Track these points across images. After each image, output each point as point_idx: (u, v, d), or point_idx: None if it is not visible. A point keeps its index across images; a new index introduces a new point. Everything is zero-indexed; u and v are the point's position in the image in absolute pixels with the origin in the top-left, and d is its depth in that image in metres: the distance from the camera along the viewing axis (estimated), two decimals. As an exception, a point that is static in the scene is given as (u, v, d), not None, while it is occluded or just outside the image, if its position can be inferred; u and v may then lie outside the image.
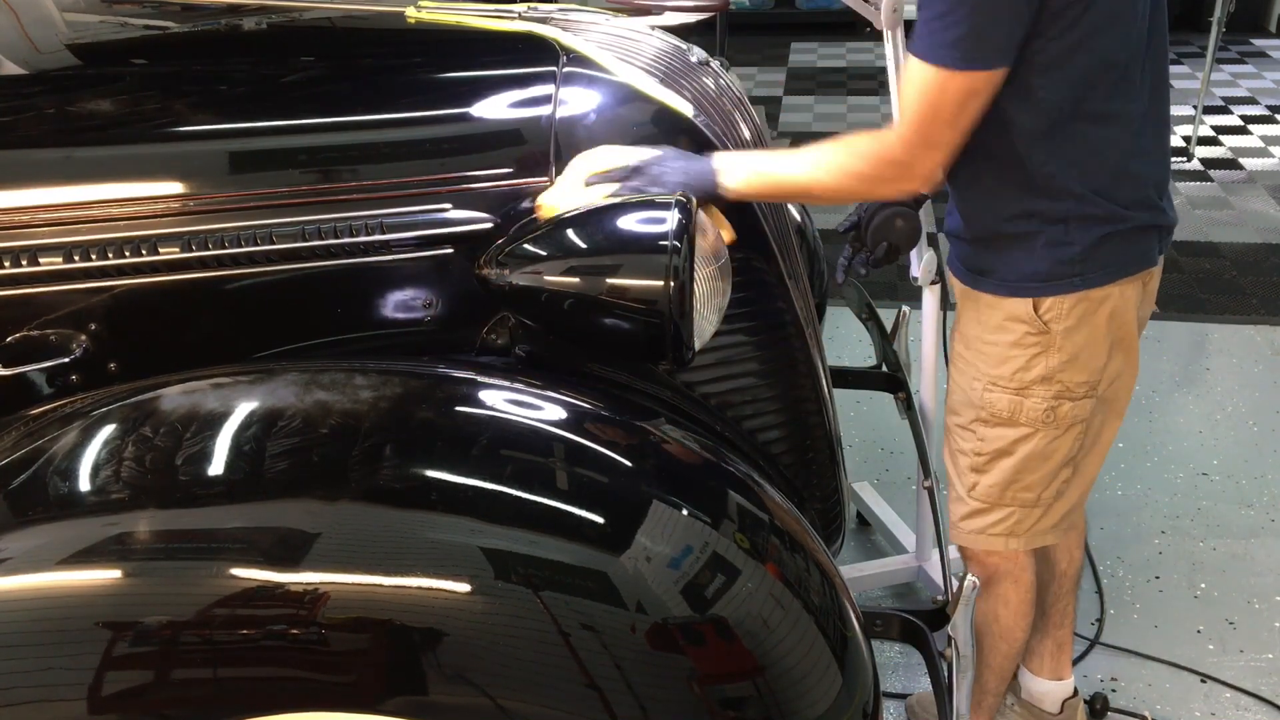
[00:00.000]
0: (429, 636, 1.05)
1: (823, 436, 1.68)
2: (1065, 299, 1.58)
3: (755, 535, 1.26)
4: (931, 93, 1.41)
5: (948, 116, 1.43)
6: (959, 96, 1.41)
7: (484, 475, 1.17)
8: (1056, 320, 1.59)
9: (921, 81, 1.42)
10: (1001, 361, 1.65)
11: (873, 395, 2.84)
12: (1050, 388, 1.63)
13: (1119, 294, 1.60)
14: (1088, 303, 1.58)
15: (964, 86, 1.40)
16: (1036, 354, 1.62)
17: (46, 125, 1.47)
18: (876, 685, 1.24)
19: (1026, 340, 1.61)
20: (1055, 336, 1.60)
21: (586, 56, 1.52)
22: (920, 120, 1.44)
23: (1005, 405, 1.66)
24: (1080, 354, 1.61)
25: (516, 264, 1.41)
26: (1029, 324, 1.60)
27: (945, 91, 1.40)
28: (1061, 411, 1.64)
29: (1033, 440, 1.67)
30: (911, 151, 1.45)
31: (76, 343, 1.39)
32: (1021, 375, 1.63)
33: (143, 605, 1.06)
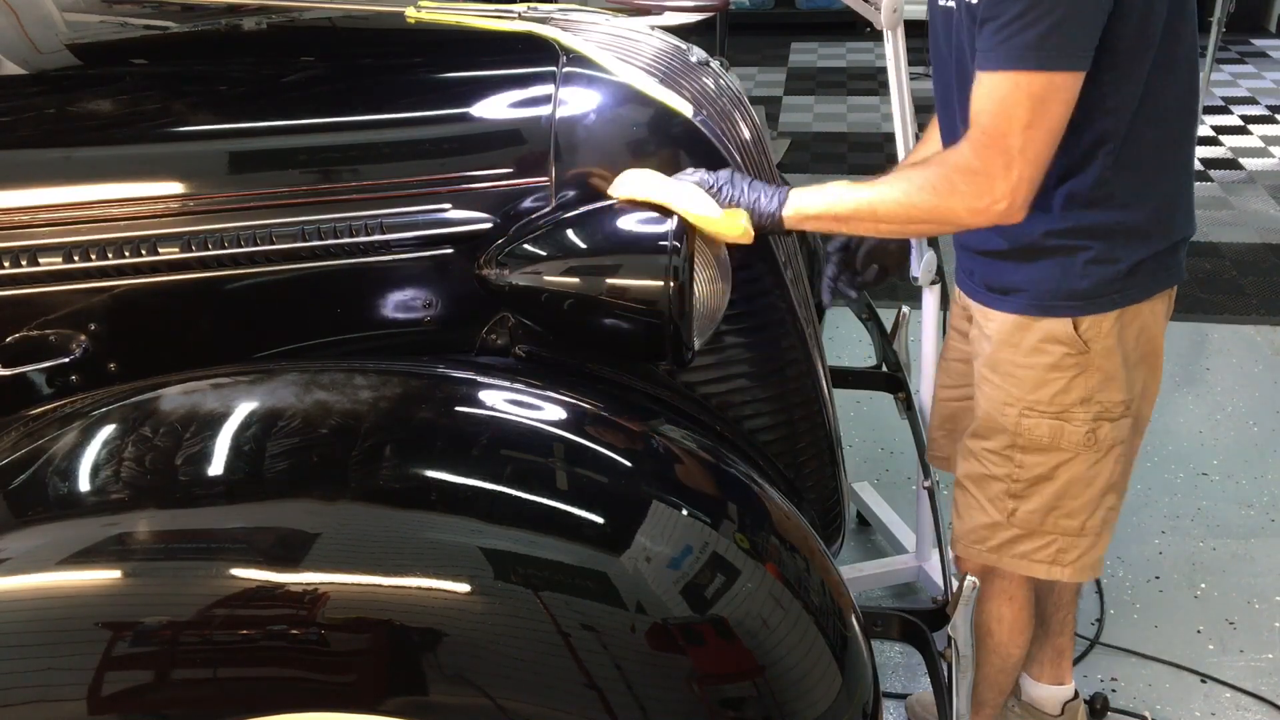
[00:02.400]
0: (429, 636, 1.05)
1: (823, 436, 1.68)
2: (1105, 317, 1.51)
3: (755, 535, 1.26)
4: (1006, 97, 1.31)
5: (1025, 118, 1.31)
6: (1036, 98, 1.31)
7: (484, 475, 1.17)
8: (1096, 339, 1.52)
9: (993, 89, 1.32)
10: (1038, 385, 1.56)
11: (873, 395, 2.84)
12: (1090, 409, 1.55)
13: (1149, 310, 1.55)
14: (1124, 319, 1.52)
15: (1043, 88, 1.30)
16: (1076, 375, 1.54)
17: (46, 125, 1.47)
18: (876, 685, 1.24)
19: (1065, 362, 1.53)
20: (1094, 356, 1.53)
21: (586, 56, 1.52)
22: (993, 125, 1.33)
23: (1045, 431, 1.57)
24: (1116, 372, 1.54)
25: (516, 264, 1.41)
26: (1068, 345, 1.52)
27: (1020, 92, 1.31)
28: (1102, 433, 1.57)
29: (1074, 465, 1.59)
30: (984, 157, 1.34)
31: (76, 343, 1.39)
32: (1061, 399, 1.55)
33: (143, 605, 1.06)
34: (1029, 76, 1.30)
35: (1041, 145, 1.33)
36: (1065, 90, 1.31)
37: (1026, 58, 1.29)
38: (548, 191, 1.45)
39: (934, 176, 1.37)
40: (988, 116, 1.33)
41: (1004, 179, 1.33)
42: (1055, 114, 1.32)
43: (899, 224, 1.42)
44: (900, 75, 2.08)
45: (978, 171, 1.34)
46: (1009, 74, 1.30)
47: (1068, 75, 1.30)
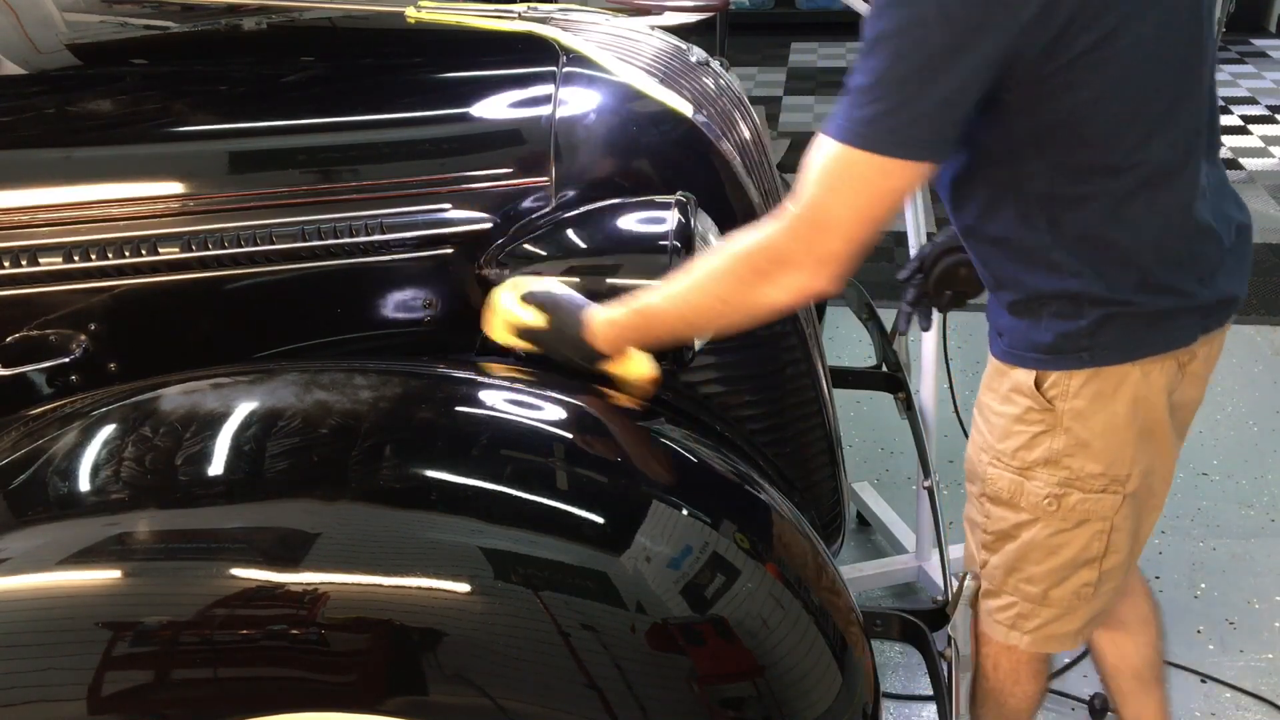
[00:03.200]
0: (429, 636, 1.05)
1: (823, 437, 1.68)
2: (1072, 376, 1.37)
3: (755, 535, 1.26)
4: (832, 168, 1.17)
5: (846, 197, 1.17)
6: (863, 179, 1.16)
7: (484, 475, 1.17)
8: (1061, 398, 1.38)
9: (822, 156, 1.18)
10: (1005, 435, 1.45)
11: (873, 395, 2.84)
12: (1055, 473, 1.42)
13: (1141, 375, 1.37)
14: (1101, 382, 1.37)
15: (874, 171, 1.16)
16: (1040, 433, 1.41)
17: (46, 125, 1.47)
18: (876, 685, 1.24)
19: (1030, 417, 1.41)
20: (1061, 416, 1.39)
21: (586, 56, 1.52)
22: (813, 195, 1.18)
23: (1006, 485, 1.46)
24: (1094, 441, 1.39)
25: (517, 264, 1.41)
26: (1031, 399, 1.40)
27: (848, 168, 1.16)
28: (1069, 502, 1.43)
29: (1034, 528, 1.46)
30: (796, 231, 1.19)
31: (76, 343, 1.39)
32: (1023, 454, 1.43)
33: (143, 605, 1.06)
34: (857, 155, 1.15)
35: (861, 227, 1.18)
36: (899, 180, 1.17)
37: (858, 135, 1.15)
38: (548, 191, 1.45)
39: (739, 263, 1.24)
40: (807, 188, 1.19)
41: (813, 251, 1.20)
42: (882, 202, 1.18)
43: (704, 321, 1.30)
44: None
45: (787, 247, 1.21)
46: (840, 144, 1.16)
47: (904, 165, 1.16)
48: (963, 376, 3.16)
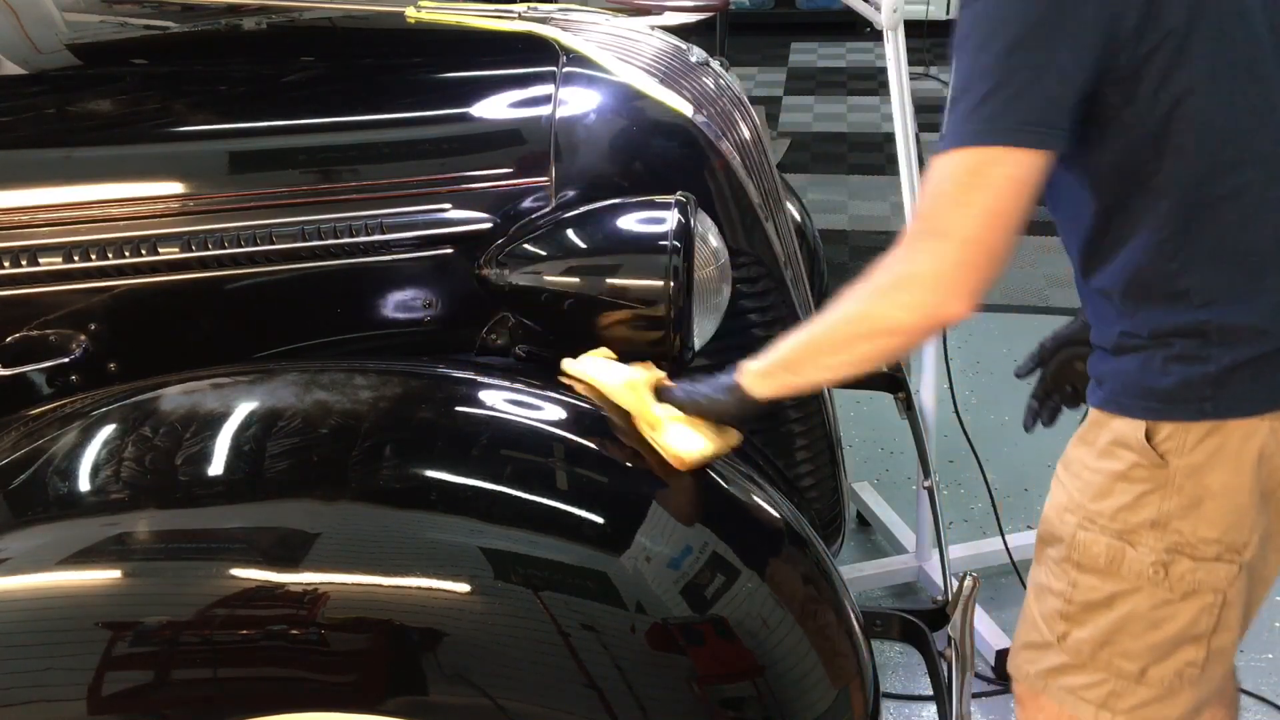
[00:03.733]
0: (429, 636, 1.05)
1: (823, 436, 1.68)
2: (1191, 427, 1.22)
3: (755, 535, 1.26)
4: (940, 175, 1.13)
5: (954, 195, 1.12)
6: (970, 173, 1.12)
7: (484, 475, 1.17)
8: (1176, 453, 1.22)
9: (933, 171, 1.14)
10: (1103, 495, 1.27)
11: (873, 395, 2.84)
12: (1163, 537, 1.25)
13: (1270, 430, 1.22)
14: (1223, 436, 1.22)
15: (977, 162, 1.11)
16: (1147, 491, 1.24)
17: (46, 125, 1.47)
18: (876, 685, 1.24)
19: (1136, 473, 1.25)
20: (1174, 473, 1.23)
21: (586, 56, 1.52)
22: (926, 207, 1.15)
23: (1103, 551, 1.28)
24: (1208, 502, 1.23)
25: (516, 264, 1.41)
26: (1139, 454, 1.24)
27: (950, 169, 1.12)
28: (1177, 571, 1.26)
29: (1136, 598, 1.28)
30: (915, 245, 1.15)
31: (76, 343, 1.39)
32: (1126, 516, 1.26)
33: (143, 605, 1.06)
34: (960, 154, 1.12)
35: (979, 227, 1.11)
36: (1009, 167, 1.11)
37: (956, 135, 1.12)
38: (548, 191, 1.45)
39: (863, 284, 1.18)
40: (921, 202, 1.16)
41: (933, 266, 1.13)
42: (995, 192, 1.11)
43: (839, 350, 1.23)
44: (900, 75, 2.08)
45: (908, 259, 1.15)
46: (942, 156, 1.13)
47: (1009, 150, 1.11)
48: (963, 376, 3.16)
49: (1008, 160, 1.11)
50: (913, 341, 1.24)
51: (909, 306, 1.15)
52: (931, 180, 1.14)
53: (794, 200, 2.23)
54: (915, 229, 1.16)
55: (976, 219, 1.12)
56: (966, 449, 2.30)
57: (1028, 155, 1.11)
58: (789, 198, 2.07)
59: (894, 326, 1.18)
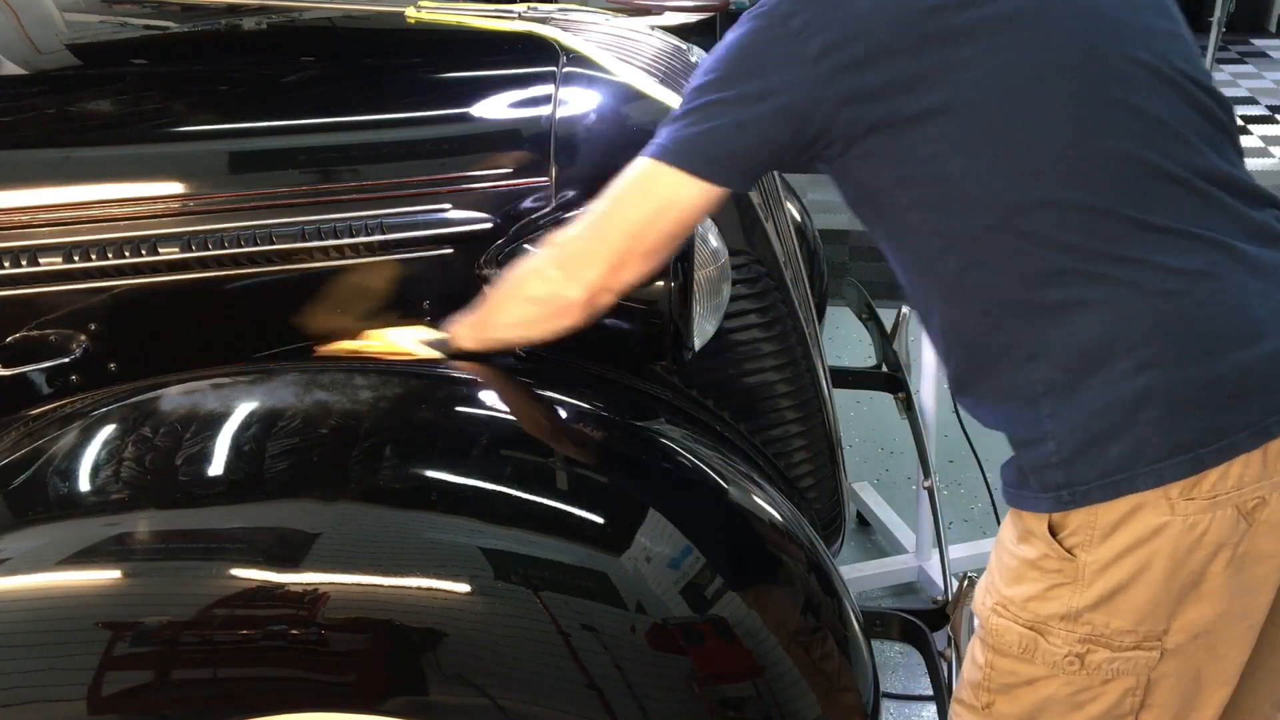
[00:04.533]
0: (429, 636, 1.05)
1: (823, 436, 1.68)
2: (1097, 520, 1.11)
3: (755, 535, 1.26)
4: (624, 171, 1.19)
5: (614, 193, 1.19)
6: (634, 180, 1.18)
7: (484, 475, 1.17)
8: (1083, 547, 1.13)
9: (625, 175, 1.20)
10: (1016, 580, 1.19)
11: (873, 395, 2.84)
12: (1075, 629, 1.16)
13: (1185, 527, 1.09)
14: (1130, 533, 1.11)
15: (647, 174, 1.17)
16: (1058, 585, 1.16)
17: (46, 125, 1.47)
18: (876, 685, 1.24)
19: (1046, 563, 1.16)
20: (1083, 568, 1.14)
21: (586, 56, 1.52)
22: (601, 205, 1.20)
23: (1015, 640, 1.19)
24: (1120, 596, 1.14)
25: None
26: (1047, 546, 1.16)
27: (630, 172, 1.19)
28: (1093, 660, 1.17)
29: (1053, 683, 1.20)
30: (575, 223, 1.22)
31: (76, 343, 1.39)
32: (1036, 607, 1.17)
33: (143, 605, 1.06)
34: (640, 161, 1.19)
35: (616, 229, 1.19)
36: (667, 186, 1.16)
37: (654, 148, 1.18)
38: (548, 191, 1.45)
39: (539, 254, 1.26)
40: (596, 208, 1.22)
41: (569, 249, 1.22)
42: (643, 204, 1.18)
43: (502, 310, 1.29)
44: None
45: (559, 239, 1.23)
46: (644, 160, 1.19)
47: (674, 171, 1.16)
48: (963, 376, 3.15)
49: (672, 181, 1.16)
50: (545, 316, 1.26)
51: (543, 278, 1.24)
52: (621, 178, 1.20)
53: (794, 200, 2.23)
54: (587, 214, 1.22)
55: (620, 224, 1.19)
56: (966, 449, 2.30)
57: (690, 183, 1.15)
58: (789, 198, 2.07)
59: (530, 295, 1.26)
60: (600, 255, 1.20)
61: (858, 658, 1.22)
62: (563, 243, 1.24)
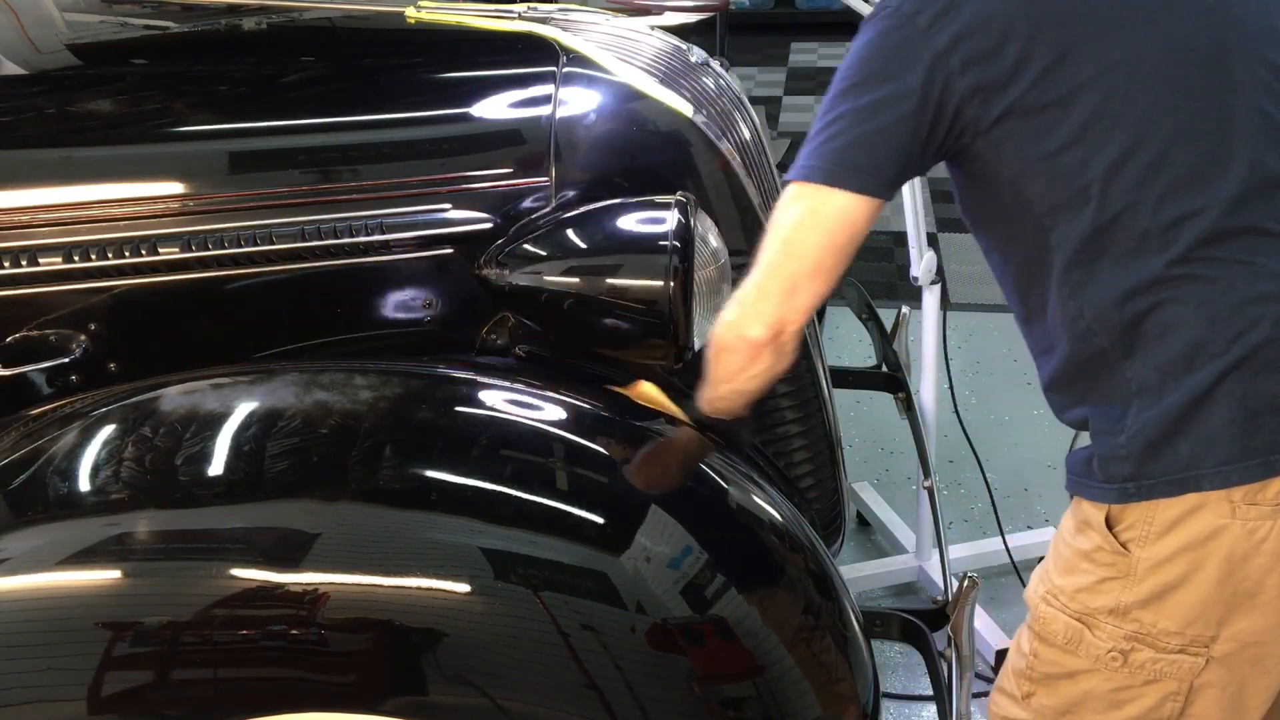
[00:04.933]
0: (429, 636, 1.05)
1: (823, 436, 1.68)
2: (1155, 516, 1.12)
3: (755, 535, 1.26)
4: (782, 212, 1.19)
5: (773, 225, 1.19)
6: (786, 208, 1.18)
7: (484, 475, 1.17)
8: (1139, 543, 1.13)
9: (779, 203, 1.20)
10: (1068, 571, 1.21)
11: (873, 395, 2.84)
12: (1122, 625, 1.17)
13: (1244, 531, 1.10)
14: (1188, 532, 1.11)
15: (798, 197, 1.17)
16: (1109, 578, 1.17)
17: (46, 125, 1.47)
18: (876, 685, 1.24)
19: (1100, 556, 1.17)
20: (1136, 564, 1.14)
21: (586, 56, 1.52)
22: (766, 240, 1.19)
23: (1061, 629, 1.21)
24: (1171, 596, 1.14)
25: (516, 264, 1.41)
26: (1102, 538, 1.16)
27: (782, 200, 1.19)
28: (1137, 659, 1.17)
29: (1094, 678, 1.21)
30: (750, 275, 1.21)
31: (76, 343, 1.39)
32: (1085, 598, 1.19)
33: (143, 605, 1.06)
34: (790, 186, 1.18)
35: (782, 257, 1.18)
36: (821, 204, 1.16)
37: (794, 167, 1.18)
38: (548, 191, 1.45)
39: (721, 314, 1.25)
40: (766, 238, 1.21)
41: (745, 288, 1.21)
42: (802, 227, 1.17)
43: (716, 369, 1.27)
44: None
45: (745, 289, 1.21)
46: (794, 185, 1.18)
47: (824, 189, 1.16)
48: (963, 376, 3.16)
49: (824, 199, 1.15)
50: (744, 364, 1.24)
51: (728, 326, 1.22)
52: (777, 210, 1.20)
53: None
54: (755, 269, 1.21)
55: (785, 252, 1.18)
56: (966, 449, 2.31)
57: (845, 197, 1.15)
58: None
59: (726, 345, 1.24)
60: (772, 288, 1.19)
61: (858, 658, 1.22)
62: (741, 289, 1.23)
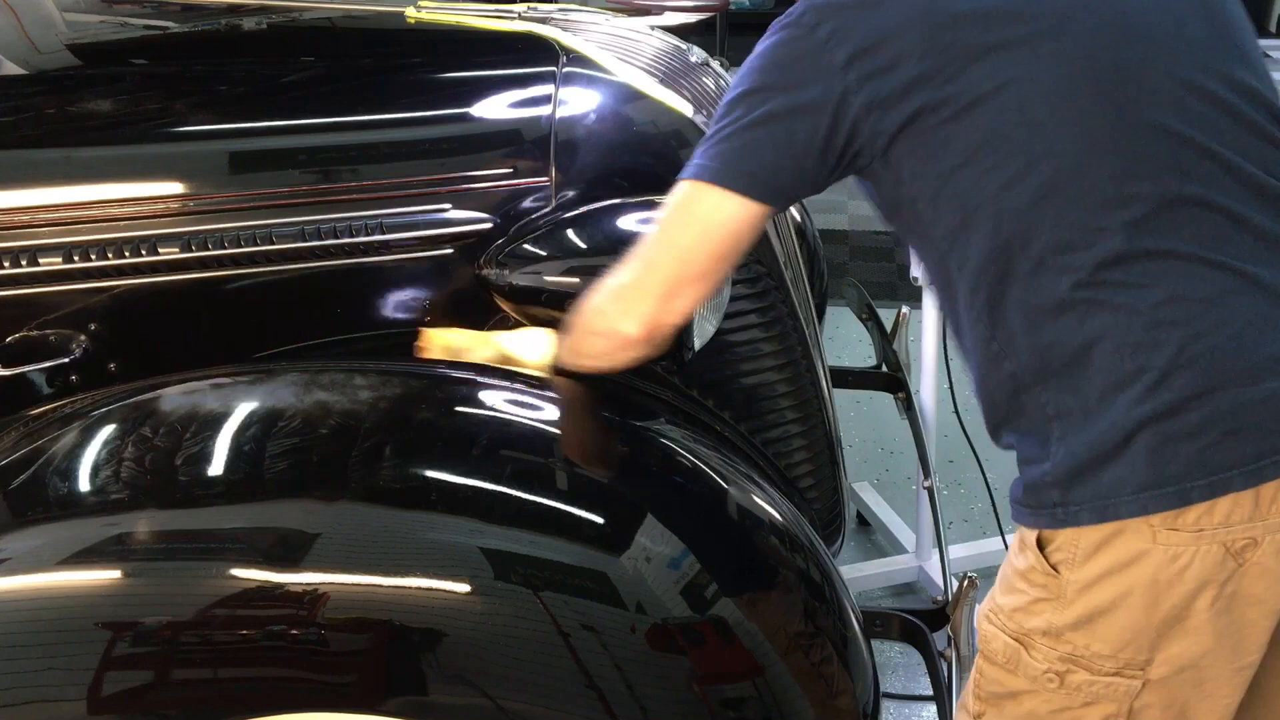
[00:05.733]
0: (429, 636, 1.05)
1: (823, 436, 1.68)
2: (1080, 539, 1.10)
3: (755, 535, 1.26)
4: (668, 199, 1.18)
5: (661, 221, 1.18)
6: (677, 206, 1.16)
7: (484, 475, 1.17)
8: (1067, 565, 1.12)
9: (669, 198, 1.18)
10: (1007, 590, 1.19)
11: (873, 395, 2.84)
12: (1056, 647, 1.15)
13: (1167, 558, 1.07)
14: (1112, 555, 1.10)
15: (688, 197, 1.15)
16: (1041, 599, 1.15)
17: (46, 125, 1.47)
18: (876, 685, 1.24)
19: (1033, 577, 1.15)
20: (1066, 586, 1.12)
21: (586, 56, 1.52)
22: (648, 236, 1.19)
23: (1000, 648, 1.19)
24: (1101, 620, 1.12)
25: (516, 264, 1.41)
26: (1035, 558, 1.15)
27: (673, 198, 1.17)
28: (1074, 680, 1.15)
29: (1035, 699, 1.19)
30: (630, 257, 1.20)
31: (76, 343, 1.39)
32: (1021, 619, 1.17)
33: (143, 605, 1.06)
34: (681, 184, 1.16)
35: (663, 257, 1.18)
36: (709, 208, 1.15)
37: (689, 168, 1.16)
38: (548, 191, 1.45)
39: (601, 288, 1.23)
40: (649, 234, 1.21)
41: (623, 283, 1.20)
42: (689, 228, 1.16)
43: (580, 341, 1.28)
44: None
45: (619, 273, 1.21)
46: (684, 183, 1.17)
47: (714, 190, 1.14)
48: (963, 376, 3.14)
49: (712, 201, 1.14)
50: (611, 351, 1.25)
51: (601, 315, 1.23)
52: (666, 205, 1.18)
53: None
54: (638, 247, 1.20)
55: (666, 250, 1.18)
56: (966, 449, 2.30)
57: (732, 200, 1.13)
58: (789, 198, 2.06)
59: (596, 329, 1.24)
60: (651, 287, 1.18)
61: (858, 658, 1.22)
62: (618, 279, 1.22)
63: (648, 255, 1.20)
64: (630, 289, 1.20)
